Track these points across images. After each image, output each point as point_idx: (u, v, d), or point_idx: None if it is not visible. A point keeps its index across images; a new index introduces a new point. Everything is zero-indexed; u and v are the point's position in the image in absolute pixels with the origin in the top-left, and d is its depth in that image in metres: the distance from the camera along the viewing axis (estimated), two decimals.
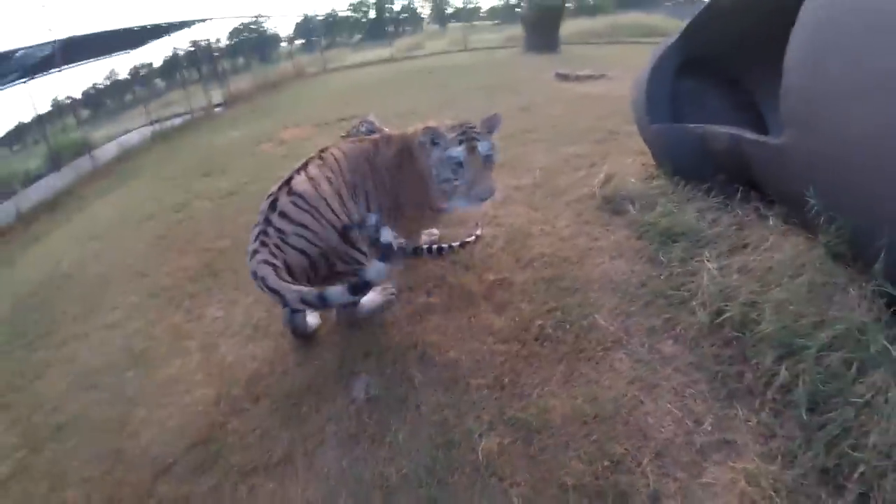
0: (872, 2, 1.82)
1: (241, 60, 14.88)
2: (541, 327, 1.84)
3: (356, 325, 2.05)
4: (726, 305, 1.76)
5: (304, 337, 2.04)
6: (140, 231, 3.89)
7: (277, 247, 1.77)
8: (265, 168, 4.45)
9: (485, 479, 1.38)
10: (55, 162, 7.86)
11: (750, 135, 2.08)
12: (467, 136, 1.95)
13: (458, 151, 1.94)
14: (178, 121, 8.47)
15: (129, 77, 12.23)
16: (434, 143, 2.00)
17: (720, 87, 2.88)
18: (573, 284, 2.05)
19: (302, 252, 1.81)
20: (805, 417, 1.42)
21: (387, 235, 1.73)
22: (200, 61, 10.82)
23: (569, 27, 11.68)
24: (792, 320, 1.62)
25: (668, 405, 1.52)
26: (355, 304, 1.97)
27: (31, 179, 7.73)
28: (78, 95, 9.97)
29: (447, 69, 8.82)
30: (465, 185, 1.95)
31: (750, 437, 1.42)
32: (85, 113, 10.48)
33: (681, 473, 1.35)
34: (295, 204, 1.84)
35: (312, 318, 2.06)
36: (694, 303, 1.83)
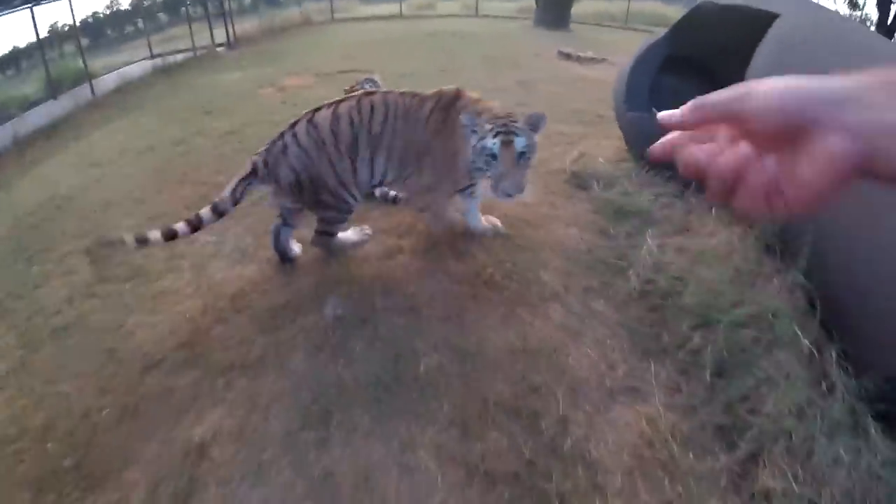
0: (831, 27, 2.09)
1: (247, 1, 14.69)
2: (491, 275, 2.14)
3: (330, 254, 2.36)
4: (657, 276, 2.06)
5: (286, 260, 2.33)
6: (139, 162, 4.10)
7: (275, 157, 2.09)
8: (264, 112, 4.66)
9: (423, 388, 1.69)
10: (53, 89, 7.90)
11: None
12: (506, 129, 1.94)
13: (493, 143, 1.93)
14: (180, 57, 8.52)
15: (130, 8, 12.17)
16: (472, 130, 2.00)
17: (702, 86, 3.13)
18: (527, 244, 2.34)
19: (293, 170, 2.10)
20: (710, 380, 1.69)
21: None
22: None
23: (584, 6, 11.75)
24: (712, 297, 1.91)
25: (589, 351, 1.83)
26: (330, 235, 2.27)
27: (27, 105, 7.76)
28: (78, 23, 9.88)
29: (454, 34, 8.92)
30: (494, 179, 1.95)
31: (657, 388, 1.70)
32: (84, 42, 10.41)
33: (589, 407, 1.65)
34: (307, 130, 2.12)
35: (295, 247, 2.36)
36: (630, 272, 2.12)
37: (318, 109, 2.18)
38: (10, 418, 1.96)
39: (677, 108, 0.46)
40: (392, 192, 2.70)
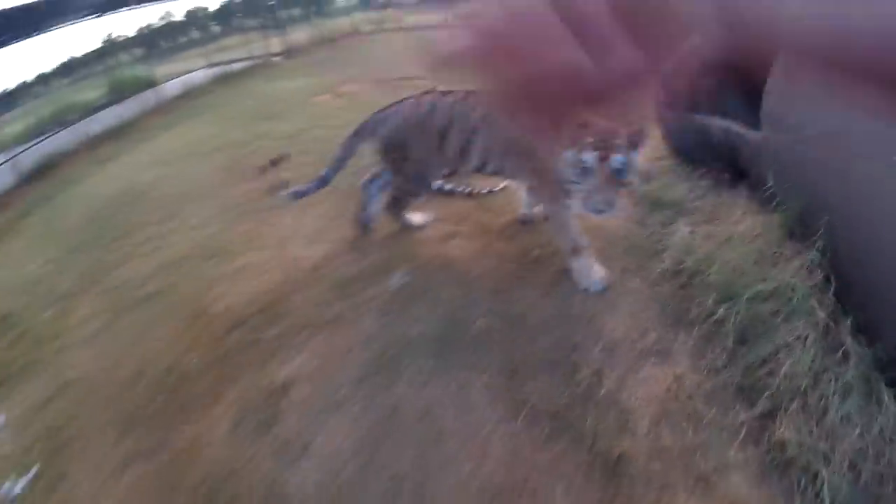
0: None
1: (298, 12, 15.35)
2: (537, 256, 2.43)
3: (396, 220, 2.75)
4: (687, 258, 2.31)
5: (365, 227, 2.75)
6: (207, 160, 4.53)
7: (380, 120, 2.50)
8: (324, 117, 5.06)
9: (476, 345, 2.01)
10: (117, 95, 8.49)
11: (737, 129, 2.61)
12: (605, 143, 1.93)
13: (588, 157, 1.94)
14: (236, 66, 9.10)
15: (185, 18, 12.96)
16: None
17: (740, 89, 3.36)
18: None
19: (390, 132, 2.48)
20: (732, 346, 1.90)
21: None
22: (258, 9, 11.44)
23: None
24: (736, 275, 2.14)
25: (623, 319, 2.09)
26: (401, 206, 2.66)
27: (92, 110, 8.34)
28: (135, 34, 10.60)
29: None
30: (586, 193, 1.99)
31: (684, 353, 1.94)
32: (139, 52, 11.08)
33: (622, 364, 1.91)
34: (410, 106, 2.47)
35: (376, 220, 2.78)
36: (663, 255, 2.39)
37: (426, 92, 2.49)
38: (100, 369, 2.33)
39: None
40: (448, 185, 3.04)
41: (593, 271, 2.26)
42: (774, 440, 1.64)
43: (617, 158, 1.90)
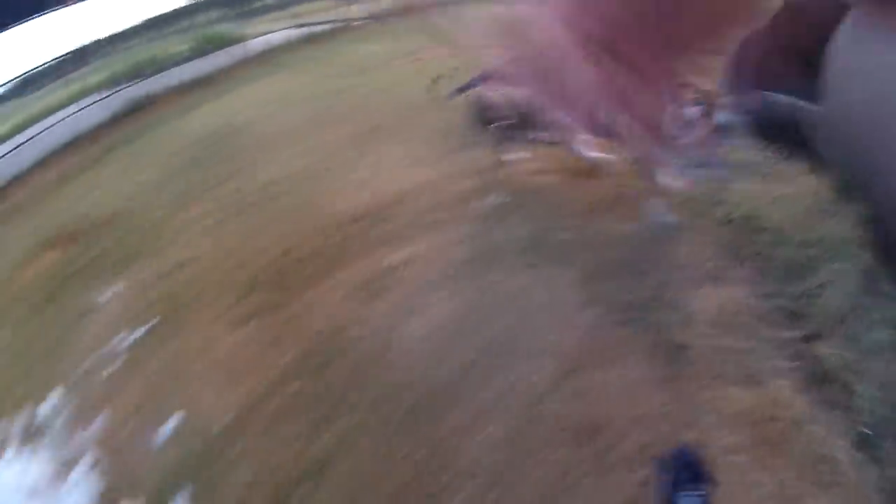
0: None
1: None
2: (616, 192, 2.68)
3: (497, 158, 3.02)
4: (744, 209, 2.61)
5: None
6: (302, 105, 4.84)
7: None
8: (414, 74, 5.26)
9: (560, 250, 2.38)
10: (202, 49, 8.90)
11: (800, 102, 2.87)
12: (710, 98, 2.16)
13: (693, 112, 2.25)
14: (318, 28, 9.43)
15: None
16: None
17: (803, 70, 3.60)
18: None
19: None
20: (782, 279, 2.17)
21: None
22: None
23: None
24: (788, 224, 2.43)
25: (685, 249, 2.41)
26: (503, 140, 2.99)
27: (179, 61, 8.72)
28: None
29: None
30: (684, 146, 2.34)
31: (738, 281, 2.21)
32: (216, 14, 11.43)
33: (683, 281, 2.23)
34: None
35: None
36: (722, 205, 2.68)
37: None
38: (216, 251, 2.71)
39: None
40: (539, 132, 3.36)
41: (666, 210, 2.57)
42: (816, 356, 1.87)
43: (724, 114, 1.96)
